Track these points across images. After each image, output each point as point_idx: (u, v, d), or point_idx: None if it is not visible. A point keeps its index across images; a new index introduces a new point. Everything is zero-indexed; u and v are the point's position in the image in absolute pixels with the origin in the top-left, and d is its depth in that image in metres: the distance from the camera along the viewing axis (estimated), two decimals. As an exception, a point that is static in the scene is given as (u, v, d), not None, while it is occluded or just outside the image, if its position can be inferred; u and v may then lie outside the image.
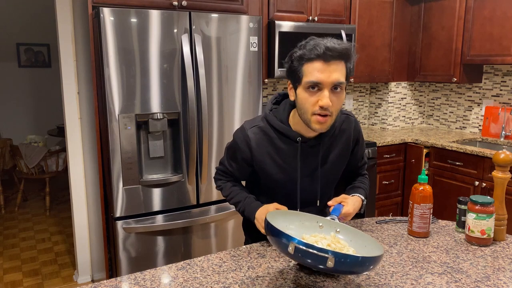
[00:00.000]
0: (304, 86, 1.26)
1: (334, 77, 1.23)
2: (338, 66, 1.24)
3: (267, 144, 1.42)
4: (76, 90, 2.81)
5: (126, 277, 1.24)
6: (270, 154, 1.42)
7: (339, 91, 1.26)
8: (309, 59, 1.24)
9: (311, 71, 1.24)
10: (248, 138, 1.42)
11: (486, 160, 3.00)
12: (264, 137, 1.42)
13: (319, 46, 1.22)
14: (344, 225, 1.24)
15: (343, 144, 1.48)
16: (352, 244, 1.18)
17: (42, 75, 5.98)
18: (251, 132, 1.43)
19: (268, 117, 1.43)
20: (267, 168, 1.44)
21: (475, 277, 1.23)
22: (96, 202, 2.97)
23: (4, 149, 4.58)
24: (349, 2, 3.42)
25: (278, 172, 1.44)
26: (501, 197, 1.48)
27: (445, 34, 3.54)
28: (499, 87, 3.56)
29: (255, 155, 1.43)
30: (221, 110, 2.59)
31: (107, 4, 2.37)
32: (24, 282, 3.05)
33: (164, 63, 2.38)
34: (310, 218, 1.27)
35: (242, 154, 1.46)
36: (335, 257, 0.94)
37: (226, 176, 1.58)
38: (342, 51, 1.23)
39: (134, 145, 2.37)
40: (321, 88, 1.24)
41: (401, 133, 3.78)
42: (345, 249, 1.14)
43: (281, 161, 1.43)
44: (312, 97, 1.25)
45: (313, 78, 1.23)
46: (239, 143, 1.45)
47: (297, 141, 1.39)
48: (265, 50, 3.08)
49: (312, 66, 1.23)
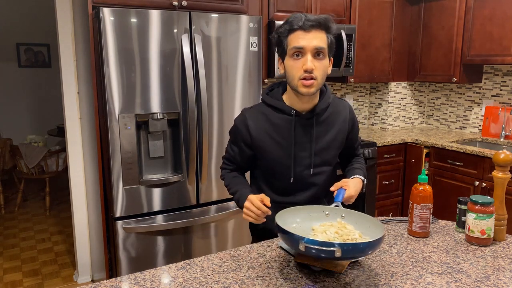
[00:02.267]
0: (289, 54, 1.39)
1: (315, 42, 1.36)
2: (318, 34, 1.37)
3: (263, 122, 1.50)
4: (76, 90, 2.81)
5: (126, 277, 1.24)
6: (267, 131, 1.49)
7: (321, 57, 1.38)
8: (291, 30, 1.38)
9: (294, 39, 1.37)
10: (246, 118, 1.52)
11: (486, 160, 3.00)
12: (261, 115, 1.51)
13: (299, 18, 1.37)
14: (348, 210, 1.34)
15: (340, 125, 1.54)
16: (358, 227, 1.29)
17: (42, 75, 5.98)
18: (249, 113, 1.53)
19: (263, 98, 1.53)
20: (265, 146, 1.50)
21: (475, 277, 1.23)
22: (96, 202, 2.97)
23: (4, 149, 4.58)
24: (349, 2, 3.42)
25: (276, 148, 1.49)
26: (501, 197, 1.48)
27: (445, 34, 3.54)
28: (499, 87, 3.56)
29: (253, 134, 1.50)
30: (221, 110, 2.59)
31: (107, 4, 2.37)
32: (24, 282, 3.05)
33: (164, 63, 2.38)
34: (317, 209, 1.37)
35: (241, 135, 1.53)
36: (341, 247, 1.06)
37: (230, 164, 1.64)
38: (319, 20, 1.37)
39: (134, 145, 2.37)
40: (304, 54, 1.36)
41: (401, 133, 3.78)
42: (351, 234, 1.23)
43: (278, 137, 1.49)
44: (297, 63, 1.38)
45: (295, 44, 1.36)
46: (238, 124, 1.54)
47: (291, 114, 1.46)
48: (265, 50, 3.08)
49: (294, 35, 1.37)
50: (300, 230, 1.31)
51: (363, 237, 1.23)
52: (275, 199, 1.56)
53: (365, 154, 3.23)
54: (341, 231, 1.24)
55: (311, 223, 1.33)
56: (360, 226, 1.29)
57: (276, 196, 1.57)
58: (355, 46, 3.37)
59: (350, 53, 3.34)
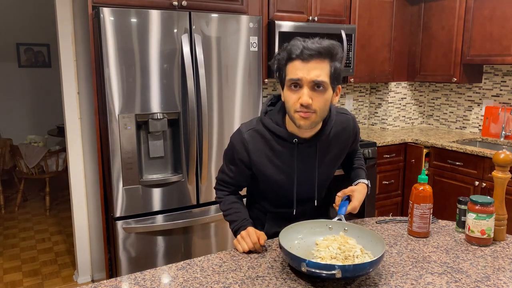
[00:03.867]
0: (287, 85, 1.31)
1: (313, 74, 1.25)
2: (319, 65, 1.26)
3: (264, 146, 1.43)
4: (76, 90, 2.81)
5: (126, 277, 1.24)
6: (268, 156, 1.43)
7: (321, 89, 1.28)
8: (290, 59, 1.28)
9: (291, 70, 1.28)
10: (245, 140, 1.43)
11: (486, 160, 3.00)
12: (261, 139, 1.43)
13: (297, 46, 1.27)
14: (351, 224, 1.39)
15: (342, 144, 1.50)
16: (360, 241, 1.31)
17: (42, 75, 5.97)
18: (248, 135, 1.43)
19: (263, 120, 1.43)
20: (265, 170, 1.44)
21: (475, 277, 1.23)
22: (96, 202, 2.97)
23: (4, 149, 4.58)
24: (349, 2, 3.42)
25: (277, 173, 1.45)
26: (501, 197, 1.48)
27: (445, 34, 3.54)
28: (499, 87, 3.56)
29: (253, 158, 1.43)
30: (221, 110, 2.59)
31: (107, 4, 2.37)
32: (24, 282, 3.05)
33: (164, 63, 2.38)
34: (320, 223, 1.40)
35: (240, 156, 1.45)
36: (341, 269, 1.11)
37: (227, 186, 1.56)
38: (320, 50, 1.25)
39: (134, 145, 2.37)
40: (301, 86, 1.27)
41: (401, 133, 3.78)
42: (353, 249, 1.25)
43: (279, 163, 1.43)
44: (294, 95, 1.29)
45: (292, 76, 1.27)
46: (237, 145, 1.45)
47: (294, 142, 1.40)
48: (265, 50, 3.08)
49: (292, 65, 1.28)
50: (303, 245, 1.35)
51: (364, 252, 1.26)
52: (271, 210, 1.55)
53: (365, 154, 3.23)
54: (343, 246, 1.27)
55: (314, 237, 1.37)
56: (362, 240, 1.31)
57: (273, 208, 1.55)
58: (355, 46, 3.37)
59: (350, 53, 3.34)
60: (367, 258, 1.22)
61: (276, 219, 1.57)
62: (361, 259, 1.21)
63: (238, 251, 1.39)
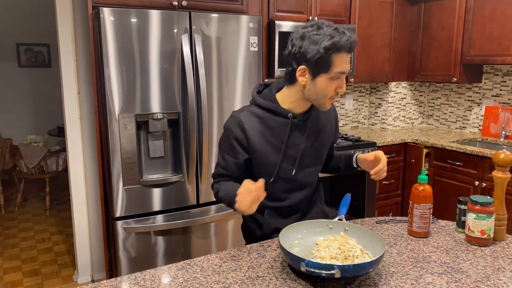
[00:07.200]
0: (330, 75, 1.33)
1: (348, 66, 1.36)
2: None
3: (259, 125, 1.45)
4: (76, 90, 2.81)
5: (126, 277, 1.24)
6: (264, 134, 1.45)
7: None
8: (337, 50, 1.30)
9: (341, 62, 1.32)
10: (241, 121, 1.44)
11: (486, 160, 3.00)
12: (256, 118, 1.45)
13: (346, 37, 1.30)
14: (351, 224, 1.41)
15: (330, 122, 1.57)
16: (360, 241, 1.32)
17: (42, 75, 5.97)
18: (243, 115, 1.45)
19: (256, 100, 1.48)
20: (260, 149, 1.45)
21: (475, 277, 1.23)
22: (96, 202, 2.97)
23: (4, 149, 4.58)
24: (349, 2, 3.42)
25: (273, 152, 1.46)
26: (501, 197, 1.48)
27: (445, 34, 3.54)
28: (499, 87, 3.56)
29: (250, 137, 1.44)
30: (221, 110, 2.59)
31: (107, 4, 2.37)
32: (24, 282, 3.05)
33: (164, 63, 2.38)
34: (321, 223, 1.41)
35: (236, 135, 1.44)
36: (341, 269, 1.11)
37: (222, 177, 1.53)
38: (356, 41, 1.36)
39: (134, 145, 2.37)
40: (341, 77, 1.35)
41: (401, 133, 3.78)
42: (353, 250, 1.25)
43: (274, 140, 1.45)
44: (333, 84, 1.35)
45: (343, 69, 1.33)
46: (233, 127, 1.45)
47: (288, 117, 1.44)
48: (265, 50, 3.08)
49: (340, 57, 1.31)
50: (303, 245, 1.35)
51: (364, 252, 1.26)
52: (268, 204, 1.54)
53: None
54: (343, 246, 1.27)
55: (315, 237, 1.38)
56: (362, 240, 1.32)
57: (268, 202, 1.52)
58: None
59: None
60: (367, 258, 1.23)
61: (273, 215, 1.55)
62: (361, 259, 1.22)
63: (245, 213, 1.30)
